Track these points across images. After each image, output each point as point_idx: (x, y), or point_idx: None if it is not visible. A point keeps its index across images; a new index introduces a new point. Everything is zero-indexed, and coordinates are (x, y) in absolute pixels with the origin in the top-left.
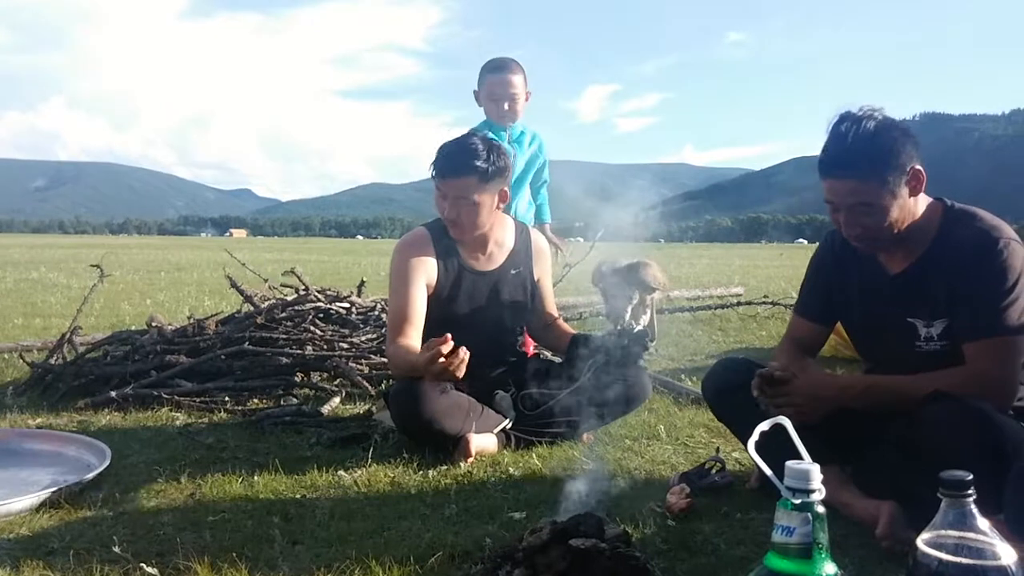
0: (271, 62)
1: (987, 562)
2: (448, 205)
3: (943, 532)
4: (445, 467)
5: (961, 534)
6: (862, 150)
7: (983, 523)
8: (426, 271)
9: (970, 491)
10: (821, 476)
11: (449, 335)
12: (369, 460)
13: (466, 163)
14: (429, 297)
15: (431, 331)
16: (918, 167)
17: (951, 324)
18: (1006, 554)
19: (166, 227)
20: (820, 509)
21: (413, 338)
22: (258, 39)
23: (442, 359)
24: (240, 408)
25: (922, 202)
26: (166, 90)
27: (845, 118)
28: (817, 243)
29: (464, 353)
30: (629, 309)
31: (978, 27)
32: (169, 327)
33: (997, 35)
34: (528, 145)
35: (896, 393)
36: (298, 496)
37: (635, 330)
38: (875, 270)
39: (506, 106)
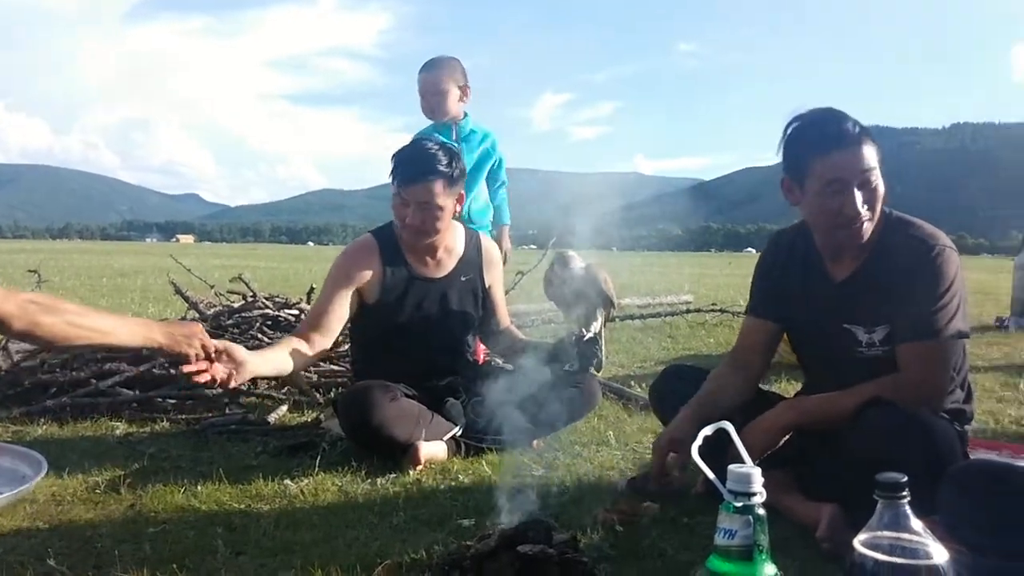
0: (218, 65)
1: (920, 561)
2: (411, 212)
3: (879, 533)
4: (394, 475)
5: (896, 534)
6: (857, 123)
7: (917, 524)
8: (361, 278)
9: (904, 493)
10: (763, 480)
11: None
12: (316, 468)
13: (430, 168)
14: (373, 305)
15: (380, 339)
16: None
17: (892, 330)
18: (938, 554)
19: (109, 232)
20: (761, 512)
21: (311, 339)
22: (204, 41)
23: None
24: (183, 417)
25: None
26: (109, 92)
27: (818, 109)
28: None
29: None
30: (581, 316)
31: (923, 42)
32: None
33: (940, 50)
34: (479, 144)
35: (826, 413)
36: (242, 506)
37: (585, 337)
38: (819, 276)
39: (432, 103)
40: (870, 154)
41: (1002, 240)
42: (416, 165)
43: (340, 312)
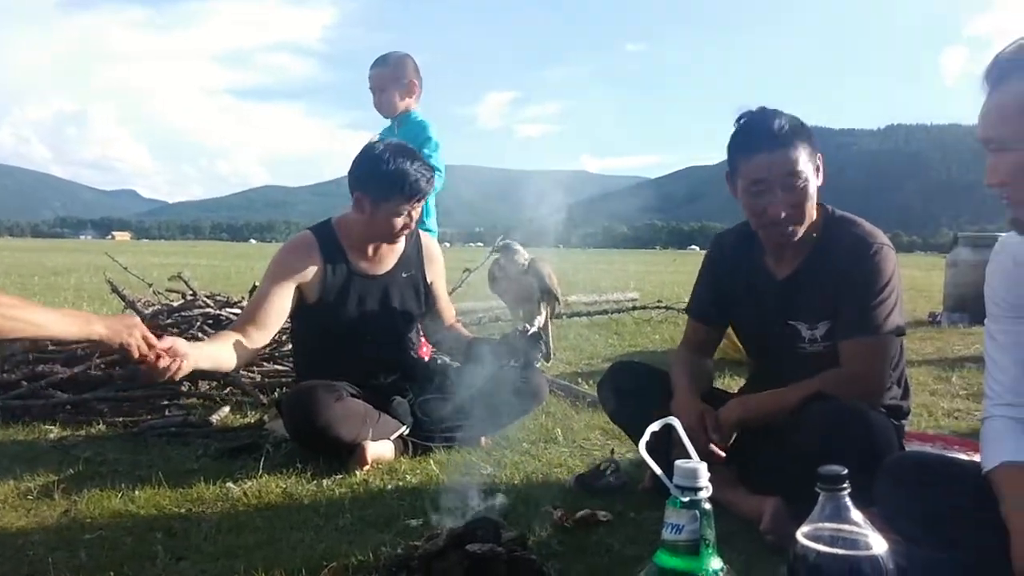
0: (158, 58)
1: (860, 552)
2: (403, 220)
3: (820, 525)
4: (340, 476)
5: (837, 526)
6: (788, 122)
7: (857, 515)
8: (303, 275)
9: (845, 485)
10: (709, 475)
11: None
12: (260, 471)
13: (427, 185)
14: (314, 303)
15: (322, 338)
16: (819, 157)
17: (833, 326)
18: (877, 544)
19: (42, 229)
20: (707, 506)
21: (248, 334)
22: (143, 34)
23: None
24: (121, 420)
25: None
26: (42, 84)
27: (755, 109)
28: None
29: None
30: (525, 310)
31: (860, 45)
32: None
33: (875, 53)
34: (410, 129)
35: (770, 410)
36: (183, 510)
37: (529, 332)
38: (763, 274)
39: (380, 99)
40: (797, 156)
41: (934, 238)
42: (421, 183)
43: (279, 307)
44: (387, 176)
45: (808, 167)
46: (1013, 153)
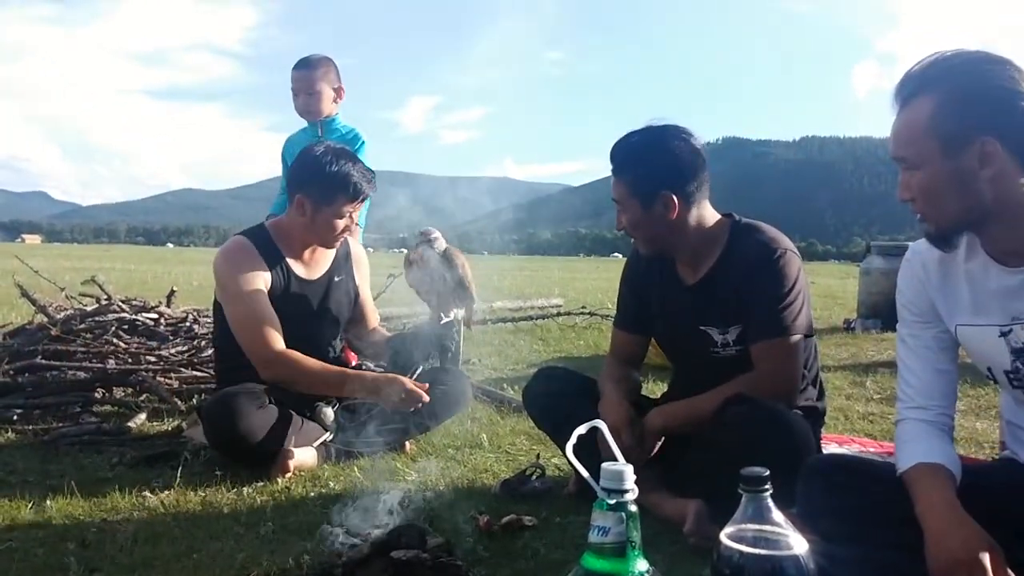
0: (68, 56)
1: (782, 552)
2: (344, 222)
3: (743, 526)
4: (261, 484)
5: (759, 527)
6: (623, 153)
7: (779, 516)
8: (264, 279)
9: (767, 486)
10: (634, 477)
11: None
12: (178, 479)
13: (369, 187)
14: None
15: None
16: (670, 194)
17: (743, 330)
18: (799, 544)
19: None
20: (633, 508)
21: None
22: (52, 30)
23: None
24: (31, 428)
25: (711, 218)
26: None
27: (647, 128)
28: None
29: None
30: (437, 299)
31: (780, 57)
32: None
33: (790, 67)
34: (338, 137)
35: (689, 417)
36: (97, 520)
37: (443, 321)
38: (673, 281)
39: (307, 102)
40: (619, 188)
41: (848, 247)
42: (363, 185)
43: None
44: (331, 178)
45: (630, 201)
46: (921, 172)
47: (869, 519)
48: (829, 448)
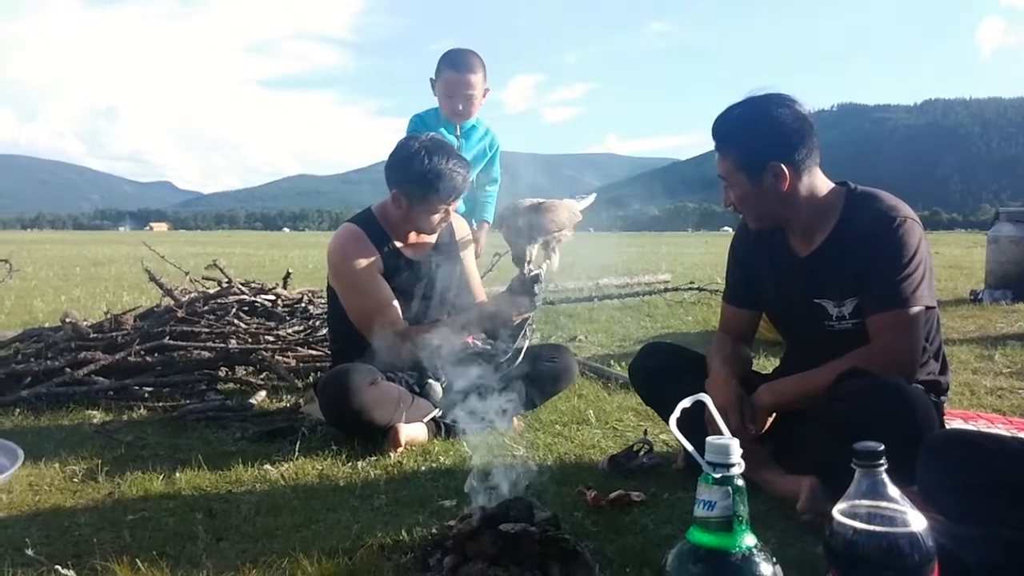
0: (186, 50)
1: (898, 529)
2: (440, 216)
3: (857, 502)
4: (375, 458)
5: (874, 503)
6: (725, 128)
7: (895, 492)
8: (377, 264)
9: (881, 461)
10: (742, 452)
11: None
12: (296, 453)
13: (463, 184)
14: None
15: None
16: (779, 164)
17: (860, 302)
18: (916, 521)
19: (81, 221)
20: (740, 482)
21: (409, 332)
22: (171, 26)
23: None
24: (161, 405)
25: (824, 187)
26: (75, 80)
27: (747, 99)
28: None
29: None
30: (530, 252)
31: (897, 18)
32: (85, 323)
33: (909, 27)
34: (478, 140)
35: (801, 393)
36: (222, 492)
37: (529, 275)
38: (785, 254)
39: (460, 106)
40: (725, 163)
41: (975, 215)
42: (456, 184)
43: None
44: (423, 176)
45: (736, 175)
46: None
47: (995, 497)
48: (954, 424)
